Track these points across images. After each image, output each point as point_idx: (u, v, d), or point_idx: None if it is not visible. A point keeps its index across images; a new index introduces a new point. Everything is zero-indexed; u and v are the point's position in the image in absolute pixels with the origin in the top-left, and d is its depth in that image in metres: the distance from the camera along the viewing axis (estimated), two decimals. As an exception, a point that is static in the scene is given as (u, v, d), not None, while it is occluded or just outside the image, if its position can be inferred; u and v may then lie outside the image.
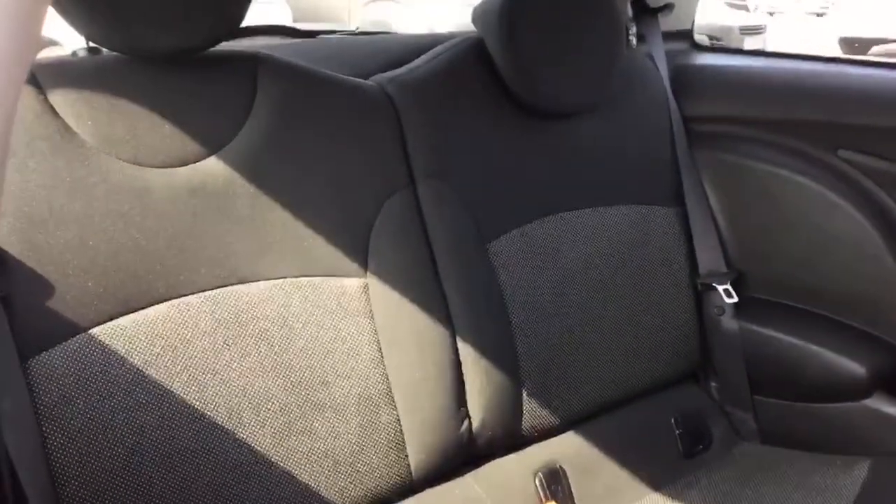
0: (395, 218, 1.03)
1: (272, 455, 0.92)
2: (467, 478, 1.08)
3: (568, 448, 1.14)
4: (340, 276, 0.98)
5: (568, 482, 1.11)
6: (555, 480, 1.10)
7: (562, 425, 1.15)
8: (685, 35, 1.49)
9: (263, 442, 0.92)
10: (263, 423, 0.92)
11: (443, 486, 1.06)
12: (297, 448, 0.94)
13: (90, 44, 0.97)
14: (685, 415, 1.25)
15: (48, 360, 0.81)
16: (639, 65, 1.33)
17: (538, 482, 1.10)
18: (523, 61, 1.12)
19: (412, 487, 1.04)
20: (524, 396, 1.10)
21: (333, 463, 0.96)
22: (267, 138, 0.95)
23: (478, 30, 1.17)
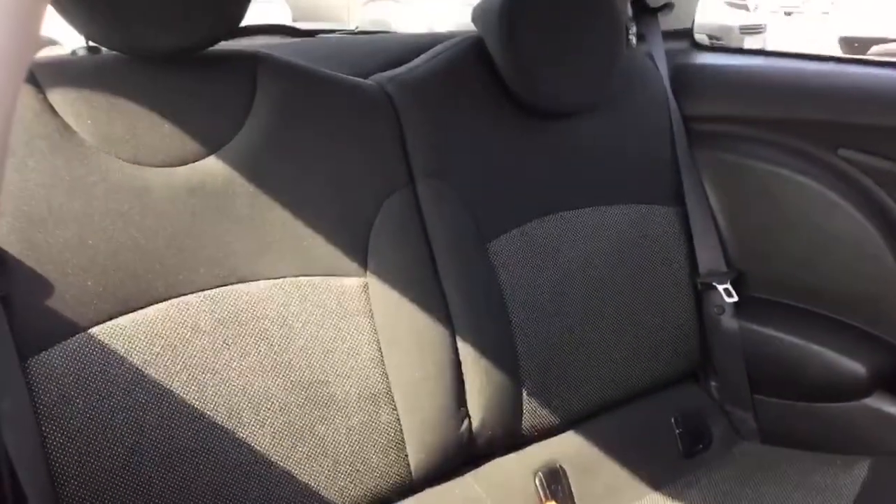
0: (395, 217, 1.03)
1: (272, 454, 0.92)
2: (467, 477, 1.08)
3: (568, 447, 1.14)
4: (340, 276, 0.98)
5: (568, 482, 1.11)
6: (555, 480, 1.10)
7: (562, 425, 1.15)
8: (685, 34, 1.49)
9: (263, 441, 0.91)
10: (263, 423, 0.91)
11: (443, 486, 1.06)
12: (297, 447, 0.94)
13: (89, 43, 0.97)
14: (685, 414, 1.25)
15: (48, 360, 0.81)
16: (639, 64, 1.33)
17: (538, 482, 1.10)
18: (523, 61, 1.12)
19: (412, 487, 1.03)
20: (524, 396, 1.10)
21: (333, 462, 0.96)
22: (266, 138, 0.95)
23: (477, 29, 1.17)
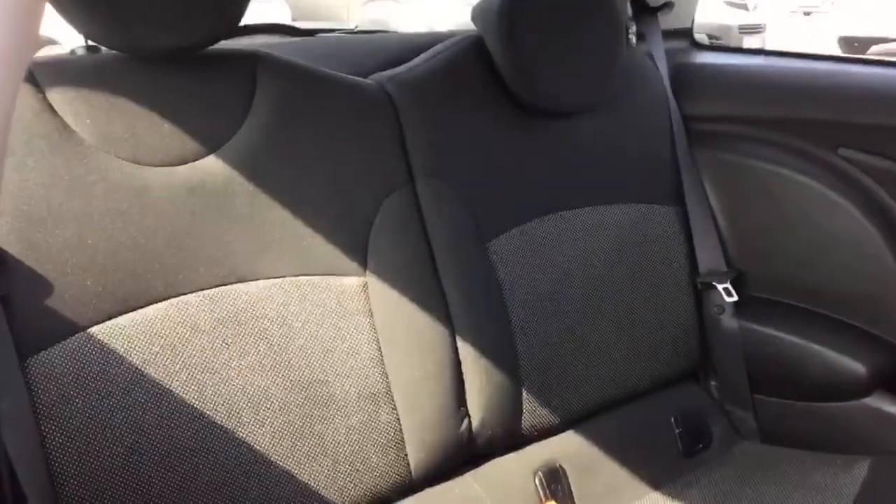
0: (395, 216, 1.03)
1: (271, 454, 0.92)
2: (467, 477, 1.08)
3: (568, 447, 1.14)
4: (340, 275, 0.98)
5: (568, 481, 1.11)
6: (555, 479, 1.10)
7: (561, 424, 1.15)
8: (685, 34, 1.49)
9: (262, 441, 0.91)
10: (263, 422, 0.91)
11: (442, 486, 1.06)
12: (297, 447, 0.93)
13: (89, 42, 0.97)
14: (685, 414, 1.25)
15: (47, 359, 0.81)
16: (639, 64, 1.33)
17: (538, 481, 1.09)
18: (523, 60, 1.12)
19: (412, 487, 1.03)
20: (524, 395, 1.10)
21: (333, 462, 0.96)
22: (266, 137, 0.95)
23: (477, 28, 1.17)
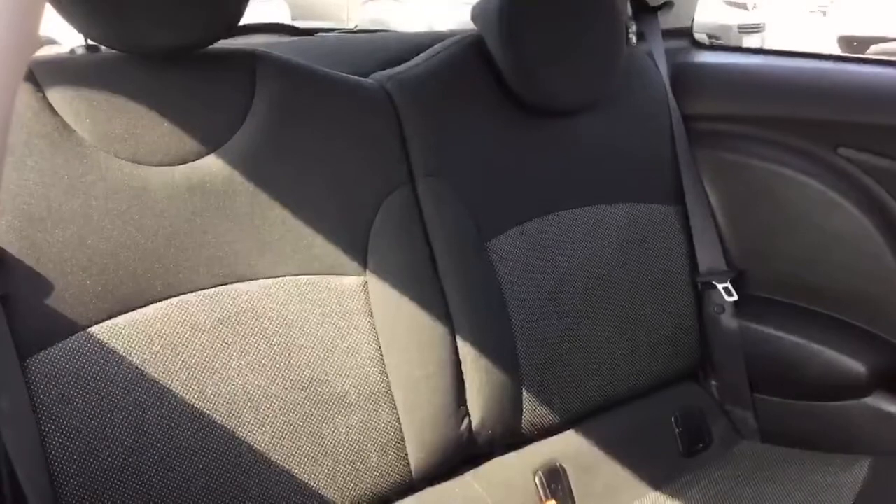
0: (395, 216, 1.02)
1: (272, 454, 0.92)
2: (467, 476, 1.08)
3: (568, 447, 1.14)
4: (340, 275, 0.98)
5: (568, 481, 1.11)
6: (555, 479, 1.10)
7: (562, 424, 1.15)
8: (685, 33, 1.49)
9: (263, 440, 0.91)
10: (263, 422, 0.91)
11: (442, 485, 1.06)
12: (297, 446, 0.93)
13: (88, 42, 0.97)
14: (685, 413, 1.25)
15: (47, 359, 0.81)
16: (638, 63, 1.33)
17: (538, 481, 1.09)
18: (523, 60, 1.12)
19: (412, 486, 1.03)
20: (524, 395, 1.10)
21: (333, 461, 0.95)
22: (266, 136, 0.95)
23: (477, 28, 1.17)
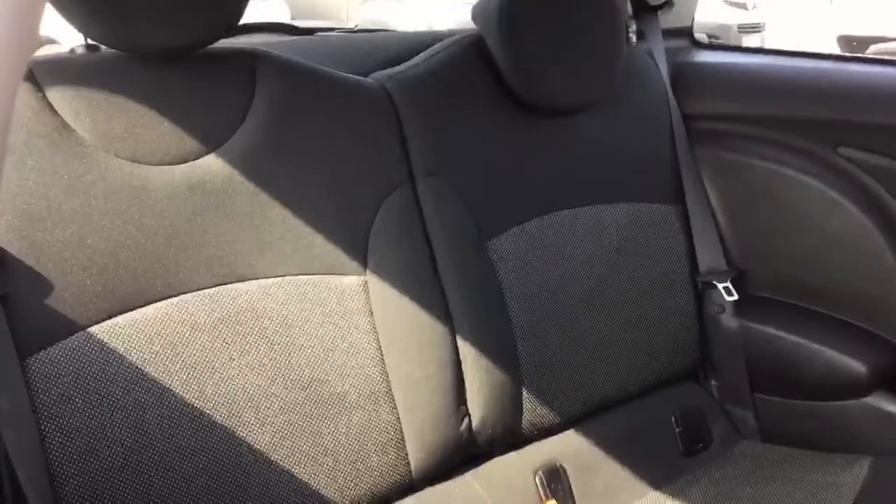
0: (395, 216, 1.02)
1: (272, 453, 0.92)
2: (467, 476, 1.08)
3: (568, 446, 1.14)
4: (340, 274, 0.98)
5: (568, 480, 1.11)
6: (555, 479, 1.10)
7: (562, 423, 1.15)
8: (685, 32, 1.49)
9: (263, 440, 0.91)
10: (263, 422, 0.91)
11: (443, 485, 1.06)
12: (297, 446, 0.93)
13: (88, 41, 0.97)
14: (685, 413, 1.25)
15: (47, 359, 0.81)
16: (639, 62, 1.33)
17: (538, 480, 1.09)
18: (523, 59, 1.12)
19: (412, 486, 1.03)
20: (524, 394, 1.10)
21: (333, 461, 0.95)
22: (266, 135, 0.94)
23: (477, 27, 1.17)
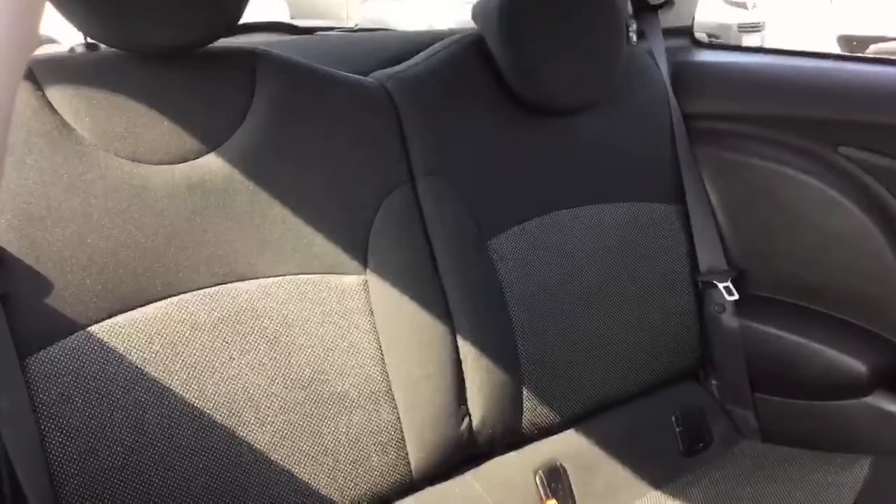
0: (395, 215, 1.02)
1: (272, 453, 0.92)
2: (467, 476, 1.08)
3: (568, 446, 1.14)
4: (340, 274, 0.98)
5: (568, 480, 1.11)
6: (555, 478, 1.10)
7: (562, 423, 1.15)
8: (685, 32, 1.49)
9: (263, 440, 0.91)
10: (263, 421, 0.91)
11: (443, 485, 1.06)
12: (297, 446, 0.93)
13: (88, 40, 0.97)
14: (686, 413, 1.25)
15: (47, 358, 0.81)
16: (639, 62, 1.32)
17: (538, 480, 1.09)
18: (523, 58, 1.12)
19: (412, 486, 1.03)
20: (524, 394, 1.10)
21: (333, 461, 0.95)
22: (266, 135, 0.94)
23: (478, 26, 1.17)
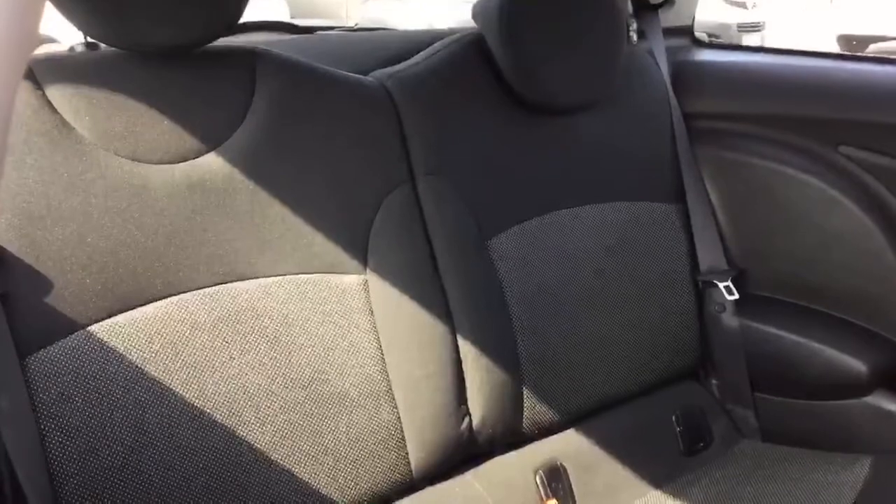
0: (395, 215, 1.02)
1: (272, 453, 0.92)
2: (467, 476, 1.08)
3: (568, 445, 1.14)
4: (340, 273, 0.98)
5: (568, 479, 1.11)
6: (555, 478, 1.10)
7: (562, 422, 1.15)
8: (686, 31, 1.49)
9: (263, 439, 0.91)
10: (263, 421, 0.91)
11: (443, 484, 1.06)
12: (298, 445, 0.93)
13: (88, 39, 0.97)
14: (686, 412, 1.24)
15: (47, 358, 0.81)
16: (639, 61, 1.32)
17: (539, 480, 1.09)
18: (523, 58, 1.12)
19: (412, 485, 1.03)
20: (524, 393, 1.10)
21: (334, 460, 0.95)
22: (266, 134, 0.94)
23: (478, 26, 1.17)
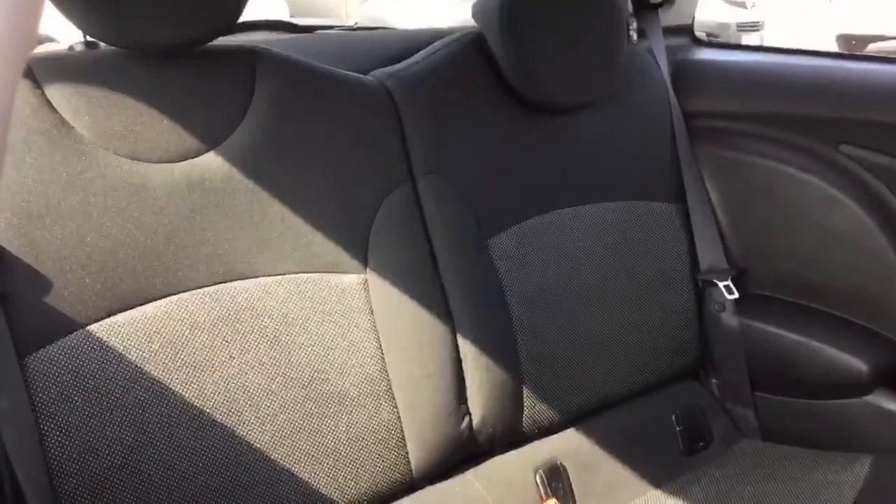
0: (395, 214, 1.02)
1: (272, 452, 0.91)
2: (467, 475, 1.08)
3: (568, 445, 1.14)
4: (340, 273, 0.98)
5: (568, 479, 1.11)
6: (555, 477, 1.10)
7: (562, 422, 1.15)
8: (686, 30, 1.49)
9: (263, 439, 0.91)
10: (263, 420, 0.91)
11: (443, 484, 1.06)
12: (298, 445, 0.93)
13: (87, 38, 0.97)
14: (686, 412, 1.24)
15: (46, 357, 0.81)
16: (639, 60, 1.32)
17: (539, 479, 1.09)
18: (523, 57, 1.12)
19: (412, 485, 1.03)
20: (524, 393, 1.10)
21: (334, 460, 0.95)
22: (266, 133, 0.94)
23: (478, 25, 1.17)
